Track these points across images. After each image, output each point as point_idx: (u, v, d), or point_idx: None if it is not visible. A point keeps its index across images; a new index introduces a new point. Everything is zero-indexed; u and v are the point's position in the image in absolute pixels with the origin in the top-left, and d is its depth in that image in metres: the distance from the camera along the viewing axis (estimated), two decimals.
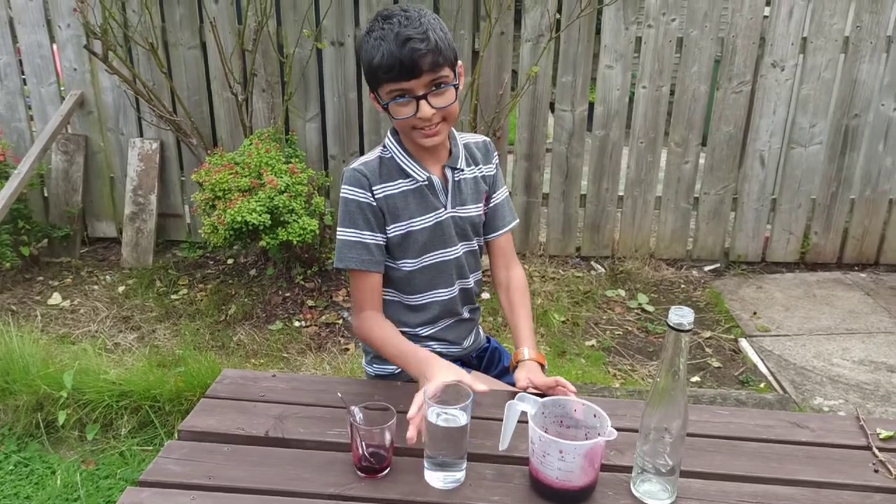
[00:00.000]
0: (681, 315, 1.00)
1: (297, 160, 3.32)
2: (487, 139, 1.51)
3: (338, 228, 1.37)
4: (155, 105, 3.44)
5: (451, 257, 1.43)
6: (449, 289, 1.45)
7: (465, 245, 1.45)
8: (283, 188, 2.94)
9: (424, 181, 1.37)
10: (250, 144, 3.18)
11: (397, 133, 1.39)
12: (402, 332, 1.43)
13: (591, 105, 3.57)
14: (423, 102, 1.24)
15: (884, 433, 1.27)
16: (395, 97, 1.25)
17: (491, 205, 1.50)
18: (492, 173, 1.48)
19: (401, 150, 1.37)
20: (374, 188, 1.34)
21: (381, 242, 1.37)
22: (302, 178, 3.08)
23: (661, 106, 3.56)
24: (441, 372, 1.19)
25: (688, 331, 1.01)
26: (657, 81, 3.52)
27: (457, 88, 1.29)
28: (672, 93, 3.56)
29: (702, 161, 3.68)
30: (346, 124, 3.66)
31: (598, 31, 3.47)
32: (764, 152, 3.62)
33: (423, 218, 1.38)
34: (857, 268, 3.79)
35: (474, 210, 1.44)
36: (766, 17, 3.44)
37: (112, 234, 3.90)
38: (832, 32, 3.42)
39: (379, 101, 1.30)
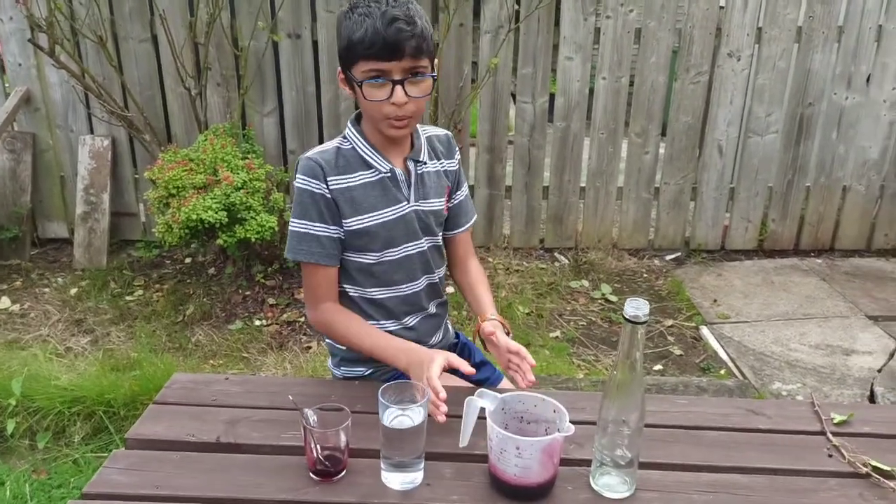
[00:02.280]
0: (636, 307, 0.99)
1: (254, 156, 3.25)
2: (449, 133, 1.48)
3: (290, 218, 1.33)
4: (105, 100, 3.33)
5: (416, 251, 1.40)
6: (414, 283, 1.42)
7: (430, 239, 1.42)
8: (239, 185, 2.88)
9: (387, 173, 1.34)
10: (205, 140, 3.10)
11: (359, 123, 1.35)
12: None
13: (552, 96, 3.57)
14: (398, 87, 1.21)
15: (837, 418, 1.29)
16: (371, 77, 1.22)
17: (455, 202, 1.48)
18: (454, 168, 1.46)
19: (363, 141, 1.33)
20: (328, 179, 1.30)
21: (335, 235, 1.33)
22: (259, 173, 3.02)
23: (620, 97, 3.58)
24: (430, 355, 1.21)
25: (643, 322, 1.00)
26: (616, 72, 3.53)
27: (434, 81, 1.27)
28: (631, 84, 3.58)
29: (662, 151, 3.71)
30: (305, 118, 3.60)
31: (557, 23, 3.47)
32: (722, 142, 3.67)
33: (386, 211, 1.34)
34: (813, 254, 3.87)
35: (437, 204, 1.41)
36: (722, 7, 3.48)
37: (64, 235, 3.77)
38: (786, 23, 3.47)
39: (352, 81, 1.25)
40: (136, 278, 3.44)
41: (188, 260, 3.61)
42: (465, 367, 1.18)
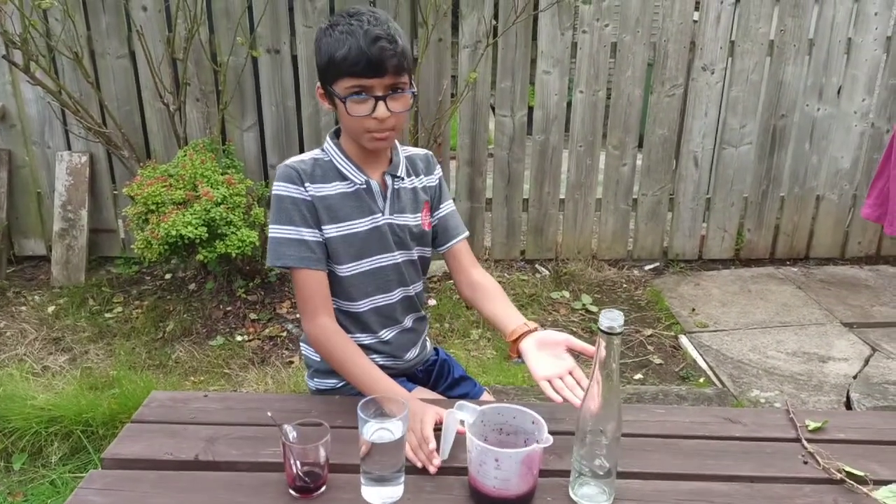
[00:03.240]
0: (611, 318, 1.01)
1: (234, 171, 3.24)
2: (429, 153, 1.51)
3: (270, 226, 1.33)
4: (83, 117, 3.30)
5: (389, 263, 1.40)
6: (387, 294, 1.42)
7: (404, 254, 1.43)
8: (219, 200, 2.87)
9: (362, 184, 1.35)
10: (184, 156, 3.09)
11: (338, 136, 1.37)
12: None
13: (531, 110, 3.60)
14: (380, 103, 1.24)
15: (812, 424, 1.31)
16: (353, 93, 1.24)
17: (439, 216, 1.48)
18: (433, 184, 1.47)
19: (340, 154, 1.35)
20: (306, 185, 1.32)
21: (321, 239, 1.34)
22: (240, 188, 3.01)
23: (598, 110, 3.63)
24: (422, 407, 1.21)
25: (619, 333, 1.01)
26: (593, 86, 3.58)
27: (414, 96, 1.30)
28: (608, 97, 3.63)
29: (639, 163, 3.76)
30: (285, 133, 3.60)
31: (534, 37, 3.51)
32: (697, 153, 3.73)
33: (360, 221, 1.35)
34: (788, 262, 3.94)
35: (412, 220, 1.42)
36: (695, 22, 3.54)
37: (41, 252, 3.72)
38: (758, 36, 3.54)
39: (333, 96, 1.28)
40: (116, 295, 3.41)
41: (168, 276, 3.58)
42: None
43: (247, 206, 3.04)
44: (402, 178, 1.40)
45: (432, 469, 1.12)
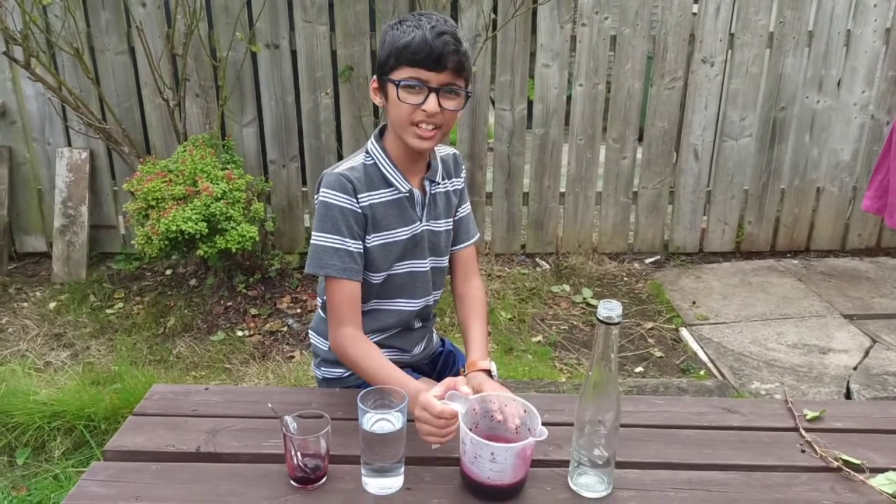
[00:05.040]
0: (609, 308, 1.01)
1: (234, 166, 3.24)
2: (456, 152, 1.51)
3: (315, 232, 1.31)
4: (83, 113, 3.31)
5: (419, 270, 1.41)
6: (411, 301, 1.43)
7: (434, 261, 1.44)
8: (219, 195, 2.87)
9: (406, 193, 1.35)
10: (184, 151, 3.09)
11: (381, 139, 1.37)
12: None
13: (531, 103, 3.60)
14: (433, 96, 1.24)
15: (810, 414, 1.32)
16: (408, 83, 1.24)
17: (457, 217, 1.49)
18: (460, 187, 1.49)
19: (385, 157, 1.34)
20: (359, 195, 1.31)
21: (361, 250, 1.33)
22: (240, 184, 3.02)
23: (597, 103, 3.62)
24: (413, 395, 1.16)
25: (616, 323, 1.02)
26: (593, 79, 3.57)
27: (468, 98, 1.30)
28: (608, 90, 3.63)
29: (639, 156, 3.75)
30: (284, 128, 3.60)
31: (534, 31, 3.51)
32: (697, 146, 3.72)
33: (401, 230, 1.36)
34: (789, 255, 3.94)
35: (445, 225, 1.44)
36: (694, 14, 3.54)
37: (42, 249, 3.73)
38: (757, 28, 3.54)
39: (387, 85, 1.27)
40: (116, 291, 3.41)
41: (168, 272, 3.59)
42: (463, 389, 1.14)
43: (247, 201, 3.04)
44: (439, 183, 1.42)
45: (442, 440, 1.11)
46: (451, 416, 1.09)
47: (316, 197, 1.33)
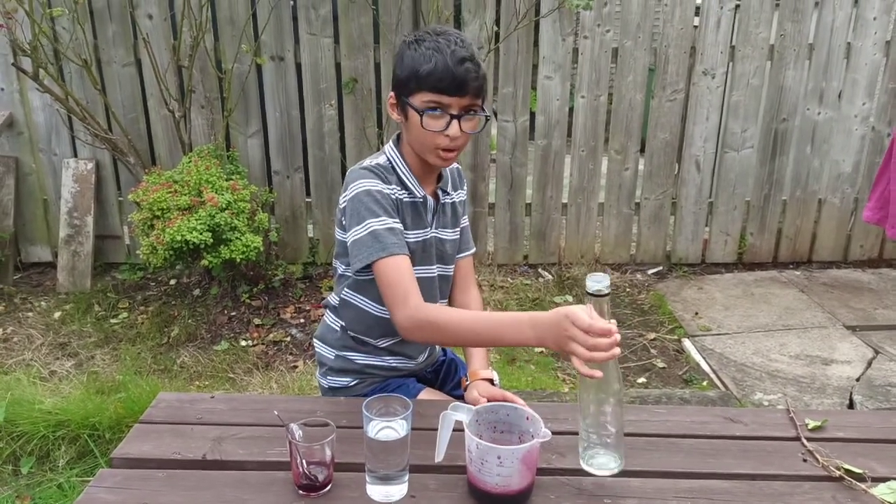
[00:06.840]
0: (597, 280, 1.03)
1: (238, 177, 3.26)
2: (458, 166, 1.54)
3: (368, 221, 1.28)
4: (89, 123, 3.34)
5: (427, 276, 1.43)
6: None
7: (441, 268, 1.47)
8: (224, 205, 2.89)
9: (420, 198, 1.39)
10: (189, 162, 3.12)
11: (398, 145, 1.39)
12: (363, 343, 1.44)
13: (533, 115, 3.63)
14: (455, 122, 1.28)
15: (812, 423, 1.32)
16: (430, 108, 1.27)
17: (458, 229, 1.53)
18: (463, 199, 1.52)
19: (403, 164, 1.38)
20: (391, 186, 1.35)
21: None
22: (244, 194, 3.04)
23: (599, 115, 3.65)
24: (558, 311, 1.12)
25: (606, 295, 1.04)
26: (595, 91, 3.60)
27: (486, 120, 1.34)
28: (610, 102, 3.65)
29: (641, 167, 3.77)
30: (289, 139, 3.62)
31: (536, 43, 3.54)
32: (699, 157, 3.74)
33: (414, 233, 1.39)
34: (791, 266, 3.94)
35: (452, 234, 1.47)
36: (696, 27, 3.57)
37: (47, 259, 3.75)
38: (758, 41, 3.56)
39: (407, 108, 1.29)
40: (121, 301, 3.43)
41: (173, 282, 3.60)
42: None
43: (251, 211, 3.06)
44: (450, 193, 1.46)
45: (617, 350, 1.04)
46: (601, 330, 1.02)
47: (344, 195, 1.34)
